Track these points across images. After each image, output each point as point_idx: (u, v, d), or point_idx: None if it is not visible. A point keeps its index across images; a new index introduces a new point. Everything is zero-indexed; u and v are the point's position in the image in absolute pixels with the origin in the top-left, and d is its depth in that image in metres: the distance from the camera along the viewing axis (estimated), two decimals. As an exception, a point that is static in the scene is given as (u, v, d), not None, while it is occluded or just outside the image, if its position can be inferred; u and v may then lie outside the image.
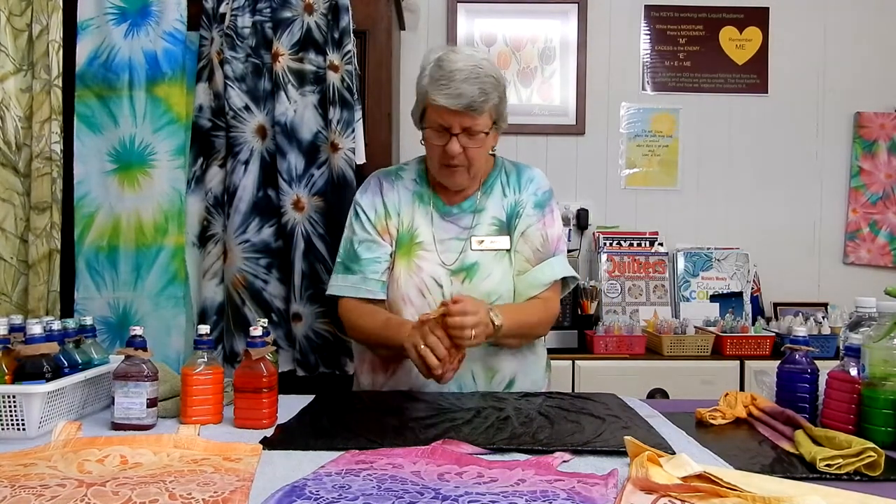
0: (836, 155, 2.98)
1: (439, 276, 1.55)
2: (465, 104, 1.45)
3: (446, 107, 1.45)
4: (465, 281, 1.54)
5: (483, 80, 1.46)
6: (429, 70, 1.50)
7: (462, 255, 1.56)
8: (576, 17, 2.93)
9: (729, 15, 2.96)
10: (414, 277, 1.55)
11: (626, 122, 2.96)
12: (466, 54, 1.50)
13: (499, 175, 1.65)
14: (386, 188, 1.64)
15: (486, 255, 1.57)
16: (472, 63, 1.47)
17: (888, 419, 1.12)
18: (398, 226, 1.61)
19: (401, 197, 1.63)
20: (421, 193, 1.63)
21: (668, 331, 2.53)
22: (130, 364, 1.22)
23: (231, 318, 2.13)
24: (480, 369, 1.55)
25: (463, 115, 1.46)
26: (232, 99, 2.09)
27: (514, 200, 1.62)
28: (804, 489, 0.91)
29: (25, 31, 2.15)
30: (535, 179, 1.65)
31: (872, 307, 1.24)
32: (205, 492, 0.87)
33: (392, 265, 1.58)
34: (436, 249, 1.57)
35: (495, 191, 1.63)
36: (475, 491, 0.88)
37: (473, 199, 1.62)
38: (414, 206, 1.62)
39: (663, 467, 0.92)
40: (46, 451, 1.04)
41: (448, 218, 1.61)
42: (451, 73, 1.45)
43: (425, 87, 1.50)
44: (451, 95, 1.44)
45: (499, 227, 1.60)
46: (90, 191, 2.16)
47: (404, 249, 1.59)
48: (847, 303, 2.59)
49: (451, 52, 1.50)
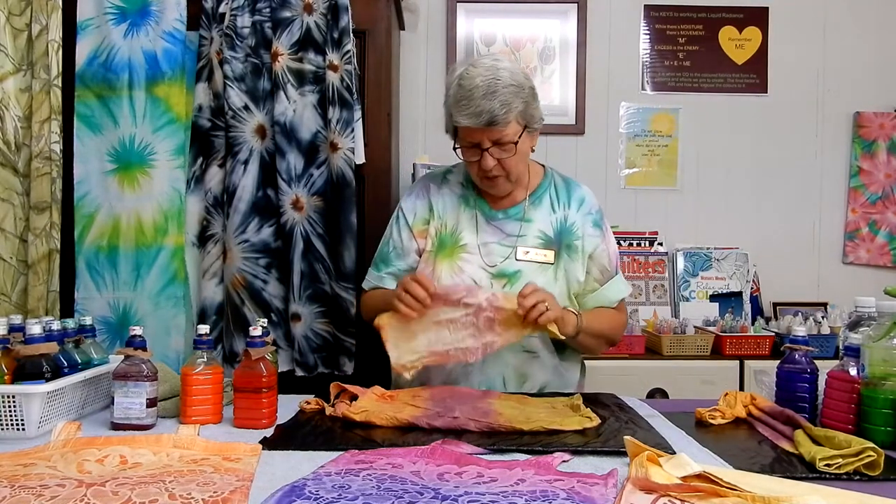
0: (835, 155, 2.98)
1: (480, 279, 1.55)
2: (487, 120, 1.44)
3: (469, 126, 1.46)
4: (506, 286, 1.54)
5: (501, 91, 1.45)
6: (452, 90, 1.50)
7: (506, 262, 1.57)
8: (575, 16, 2.92)
9: (728, 15, 2.96)
10: (455, 278, 1.55)
11: (626, 122, 2.96)
12: (486, 67, 1.48)
13: (548, 188, 1.65)
14: (433, 190, 1.67)
15: (529, 264, 1.57)
16: (490, 77, 1.45)
17: (888, 419, 1.13)
18: (440, 227, 1.62)
19: (447, 200, 1.65)
20: (467, 197, 1.64)
21: (667, 330, 2.53)
22: (130, 364, 1.22)
23: (230, 317, 2.13)
24: (512, 374, 1.55)
25: (489, 131, 1.46)
26: (231, 99, 2.09)
27: (564, 217, 1.62)
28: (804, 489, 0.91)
29: (25, 31, 2.15)
30: (587, 199, 1.66)
31: (872, 307, 1.24)
32: (204, 492, 0.87)
33: (433, 265, 1.58)
34: (479, 253, 1.58)
35: (544, 203, 1.63)
36: (475, 491, 0.88)
37: (521, 208, 1.62)
38: (459, 209, 1.63)
39: (663, 467, 0.92)
40: (46, 451, 1.04)
41: (493, 222, 1.61)
42: (469, 92, 1.45)
43: (449, 107, 1.51)
44: (473, 114, 1.44)
45: (545, 242, 1.59)
46: (90, 191, 2.16)
47: (447, 251, 1.59)
48: (846, 302, 2.60)
49: (471, 66, 1.49)
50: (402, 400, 1.35)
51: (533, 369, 1.57)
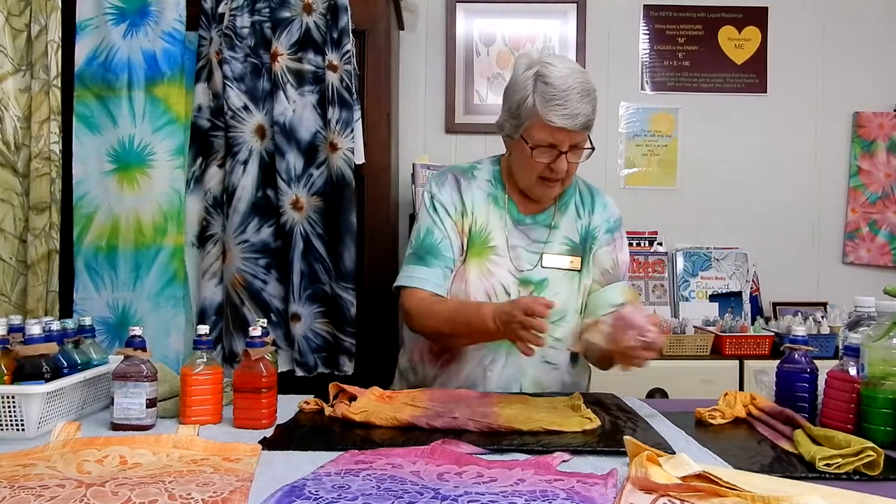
0: (835, 155, 2.98)
1: (508, 284, 1.53)
2: (582, 123, 1.43)
3: (563, 127, 1.42)
4: (532, 294, 1.52)
5: (593, 95, 1.44)
6: (532, 85, 1.43)
7: (533, 269, 1.55)
8: (575, 16, 2.92)
9: (728, 14, 2.96)
10: (484, 281, 1.53)
11: (626, 122, 2.96)
12: (570, 67, 1.45)
13: (574, 194, 1.64)
14: (463, 185, 1.60)
15: (555, 272, 1.55)
16: (581, 78, 1.43)
17: (887, 418, 1.12)
18: (472, 225, 1.58)
19: (476, 196, 1.59)
20: (496, 196, 1.60)
21: (667, 330, 2.53)
22: (130, 364, 1.22)
23: (230, 318, 2.13)
24: (529, 384, 1.54)
25: (574, 134, 1.44)
26: (231, 99, 2.09)
27: (588, 223, 1.61)
28: (803, 488, 0.91)
29: (24, 31, 2.15)
30: (608, 206, 1.65)
31: (872, 307, 1.24)
32: (204, 492, 0.87)
33: (464, 264, 1.55)
34: (508, 255, 1.56)
35: (570, 210, 1.62)
36: (475, 491, 0.88)
37: (549, 214, 1.60)
38: (489, 208, 1.59)
39: (663, 467, 0.92)
40: (46, 451, 1.04)
41: (521, 226, 1.58)
42: (565, 93, 1.41)
43: (534, 105, 1.43)
44: (569, 115, 1.41)
45: (571, 248, 1.58)
46: (89, 191, 2.16)
47: (476, 250, 1.56)
48: (846, 302, 2.59)
49: (549, 65, 1.44)
50: (401, 400, 1.35)
51: (550, 379, 1.56)
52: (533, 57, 1.49)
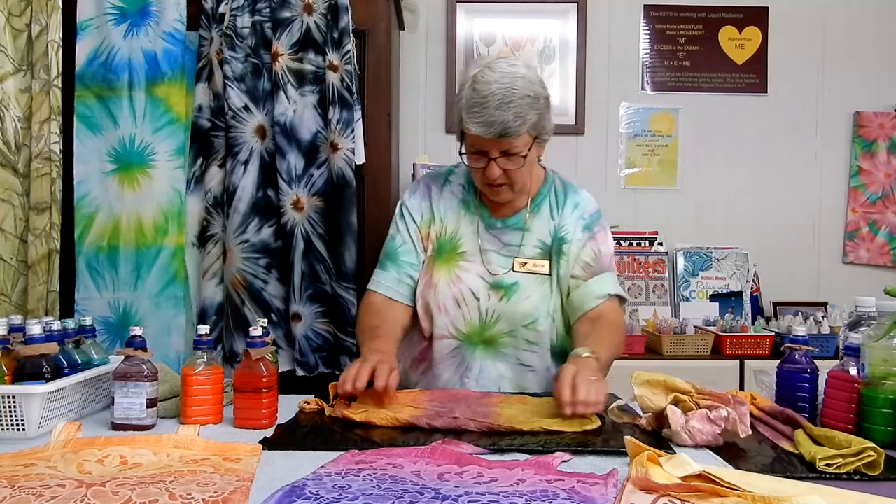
0: (835, 154, 2.98)
1: (478, 289, 1.53)
2: (499, 132, 1.39)
3: (479, 135, 1.40)
4: (503, 299, 1.52)
5: (517, 102, 1.39)
6: (465, 92, 1.43)
7: (505, 273, 1.54)
8: (575, 16, 2.93)
9: (728, 14, 2.96)
10: (453, 287, 1.53)
11: (626, 122, 2.96)
12: (503, 72, 1.41)
13: (548, 194, 1.61)
14: (434, 192, 1.62)
15: (527, 276, 1.54)
16: (506, 84, 1.39)
17: (888, 418, 1.12)
18: (441, 232, 1.58)
19: (448, 203, 1.60)
20: (468, 202, 1.60)
21: (667, 330, 2.53)
22: (130, 364, 1.22)
23: (231, 318, 2.13)
24: (508, 386, 1.54)
25: (499, 141, 1.41)
26: (231, 99, 2.09)
27: (559, 224, 1.58)
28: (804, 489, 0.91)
29: (25, 32, 2.15)
30: (581, 204, 1.60)
31: (872, 307, 1.24)
32: (205, 492, 0.87)
33: (431, 271, 1.55)
34: (480, 260, 1.55)
35: (543, 211, 1.59)
36: (475, 491, 0.88)
37: (521, 217, 1.58)
38: (460, 213, 1.59)
39: (663, 467, 0.92)
40: (46, 451, 1.04)
41: (492, 231, 1.58)
42: (484, 99, 1.39)
43: (461, 110, 1.44)
44: (485, 123, 1.39)
45: (543, 251, 1.56)
46: (90, 191, 2.16)
47: (445, 257, 1.56)
48: (847, 302, 2.60)
49: (487, 69, 1.42)
50: (401, 401, 1.35)
51: (528, 382, 1.56)
52: (485, 60, 1.47)
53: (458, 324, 1.53)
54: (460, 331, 1.53)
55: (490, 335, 1.53)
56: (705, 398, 1.16)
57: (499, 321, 1.52)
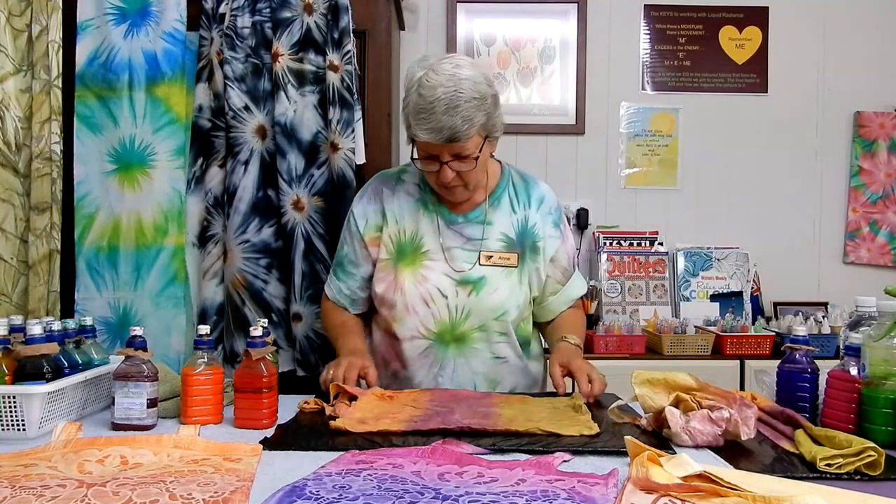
0: (835, 154, 2.98)
1: (444, 287, 1.53)
2: (448, 137, 1.38)
3: (428, 141, 1.40)
4: (471, 294, 1.52)
5: (463, 106, 1.37)
6: (412, 97, 1.41)
7: (471, 268, 1.54)
8: (575, 16, 2.93)
9: (728, 14, 2.96)
10: (419, 287, 1.53)
11: (626, 122, 2.96)
12: (447, 75, 1.38)
13: (506, 187, 1.61)
14: (386, 195, 1.60)
15: (493, 269, 1.54)
16: (451, 89, 1.37)
17: (888, 418, 1.12)
18: (399, 234, 1.57)
19: (403, 204, 1.59)
20: (425, 201, 1.59)
21: (668, 330, 2.53)
22: (130, 364, 1.22)
23: (231, 318, 2.13)
24: (482, 381, 1.55)
25: (450, 146, 1.41)
26: (232, 99, 2.09)
27: (525, 218, 1.58)
28: (804, 489, 0.91)
29: (25, 32, 2.15)
30: (546, 197, 1.62)
31: (872, 306, 1.24)
32: (205, 492, 0.87)
33: (394, 273, 1.55)
34: (444, 258, 1.54)
35: (503, 204, 1.59)
36: (475, 491, 0.88)
37: (481, 211, 1.58)
38: (418, 213, 1.58)
39: (663, 467, 0.92)
40: (47, 451, 1.04)
41: (454, 227, 1.57)
42: (431, 105, 1.37)
43: (408, 117, 1.43)
44: (433, 130, 1.38)
45: (507, 244, 1.56)
46: (90, 191, 2.16)
47: (408, 259, 1.55)
48: (847, 302, 2.60)
49: (431, 71, 1.39)
50: (402, 401, 1.35)
51: (502, 374, 1.57)
52: (429, 60, 1.44)
53: (427, 323, 1.53)
54: (431, 330, 1.53)
55: (461, 332, 1.53)
56: (708, 397, 1.16)
57: (469, 316, 1.53)
